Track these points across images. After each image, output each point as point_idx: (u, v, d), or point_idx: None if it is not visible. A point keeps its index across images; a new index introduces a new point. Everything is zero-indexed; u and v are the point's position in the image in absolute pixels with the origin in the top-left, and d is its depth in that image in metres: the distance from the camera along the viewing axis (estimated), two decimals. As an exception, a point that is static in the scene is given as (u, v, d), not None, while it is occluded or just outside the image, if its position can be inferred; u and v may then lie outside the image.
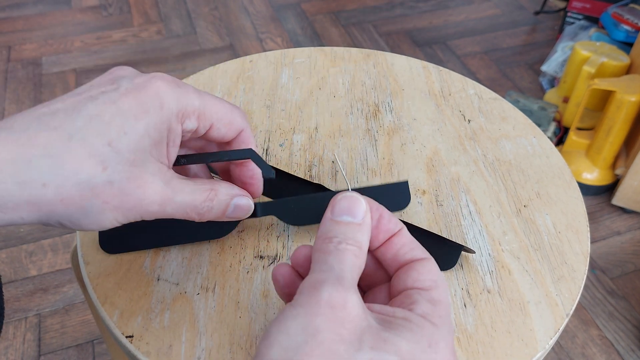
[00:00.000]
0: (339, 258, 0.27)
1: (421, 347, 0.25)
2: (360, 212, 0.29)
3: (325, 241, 0.29)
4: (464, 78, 0.61)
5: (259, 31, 1.87)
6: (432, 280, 0.29)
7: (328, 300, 0.24)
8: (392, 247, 0.30)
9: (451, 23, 1.95)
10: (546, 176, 0.50)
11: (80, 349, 1.03)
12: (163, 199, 0.31)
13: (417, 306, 0.27)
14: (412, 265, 0.29)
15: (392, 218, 0.31)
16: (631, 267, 1.21)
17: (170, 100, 0.31)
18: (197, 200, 0.33)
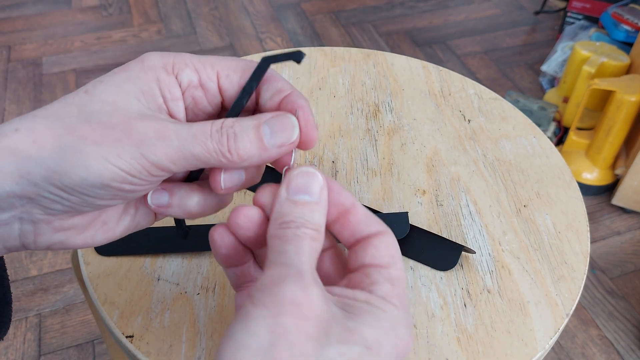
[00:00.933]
0: (297, 247, 0.26)
1: (384, 331, 0.25)
2: (317, 189, 0.28)
3: (283, 226, 0.27)
4: (464, 78, 0.61)
5: (258, 31, 1.87)
6: (389, 256, 0.28)
7: (292, 299, 0.23)
8: (348, 224, 0.29)
9: (451, 23, 1.95)
10: (546, 176, 0.50)
11: (80, 349, 1.03)
12: (157, 129, 0.26)
13: (377, 287, 0.27)
14: (370, 240, 0.28)
15: (342, 191, 0.29)
16: (631, 267, 1.21)
17: (153, 57, 0.29)
18: (205, 126, 0.27)
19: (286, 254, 0.26)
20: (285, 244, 0.26)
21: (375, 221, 0.29)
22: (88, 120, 0.26)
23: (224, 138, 0.27)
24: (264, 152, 0.28)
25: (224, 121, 0.27)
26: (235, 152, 0.27)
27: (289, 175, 0.28)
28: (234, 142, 0.27)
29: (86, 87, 0.27)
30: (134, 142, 0.26)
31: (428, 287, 0.41)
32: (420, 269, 0.42)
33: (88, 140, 0.25)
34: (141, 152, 0.26)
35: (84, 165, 0.25)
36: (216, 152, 0.27)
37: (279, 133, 0.28)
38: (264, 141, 0.28)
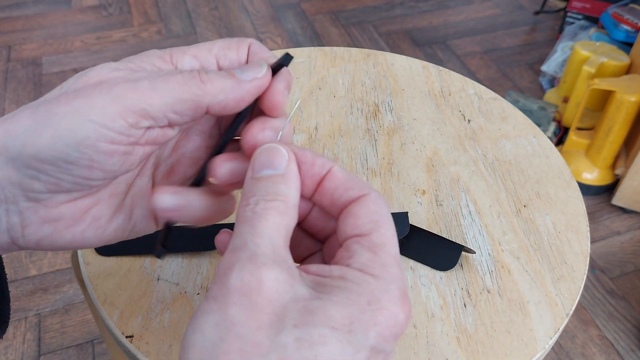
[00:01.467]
0: (255, 226, 0.24)
1: (359, 308, 0.22)
2: (282, 162, 0.26)
3: (243, 205, 0.25)
4: (463, 78, 0.61)
5: (258, 31, 1.87)
6: (372, 221, 0.25)
7: (239, 287, 0.22)
8: (325, 192, 0.27)
9: (451, 23, 1.95)
10: (546, 176, 0.50)
11: (80, 349, 1.03)
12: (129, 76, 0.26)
13: (354, 259, 0.24)
14: (349, 209, 0.26)
15: (317, 158, 0.27)
16: (631, 267, 1.21)
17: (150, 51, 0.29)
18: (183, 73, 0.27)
19: (241, 236, 0.24)
20: (241, 225, 0.24)
21: (355, 184, 0.26)
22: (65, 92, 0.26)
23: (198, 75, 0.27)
24: (237, 85, 0.27)
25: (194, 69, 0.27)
26: (209, 82, 0.27)
27: (253, 155, 0.27)
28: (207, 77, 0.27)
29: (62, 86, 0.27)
30: (103, 90, 0.25)
31: (428, 287, 0.41)
32: (420, 269, 0.42)
33: (61, 102, 0.25)
34: (112, 97, 0.25)
35: (55, 124, 0.24)
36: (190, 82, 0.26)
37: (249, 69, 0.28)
38: (236, 75, 0.28)
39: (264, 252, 0.23)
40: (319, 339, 0.21)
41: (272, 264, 0.22)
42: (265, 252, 0.23)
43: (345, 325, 0.22)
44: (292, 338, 0.21)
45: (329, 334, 0.21)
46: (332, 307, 0.22)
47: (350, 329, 0.22)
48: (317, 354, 0.21)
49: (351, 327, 0.22)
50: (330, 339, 0.21)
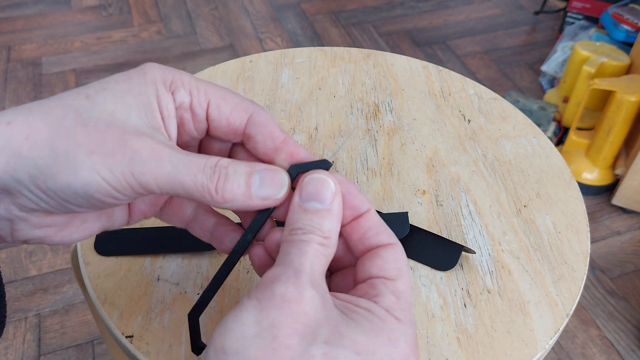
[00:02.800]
0: (300, 250, 0.26)
1: (381, 341, 0.24)
2: (329, 196, 0.28)
3: (292, 232, 0.27)
4: (464, 78, 0.61)
5: (258, 31, 1.87)
6: (397, 269, 0.28)
7: (282, 294, 0.24)
8: (358, 228, 0.29)
9: (451, 23, 1.95)
10: (546, 176, 0.50)
11: (80, 349, 1.03)
12: (154, 150, 0.26)
13: (381, 298, 0.26)
14: (378, 251, 0.28)
15: (359, 195, 0.29)
16: (631, 267, 1.21)
17: (155, 70, 0.29)
18: (202, 161, 0.27)
19: (288, 256, 0.26)
20: (290, 247, 0.27)
21: (385, 231, 0.29)
22: (85, 126, 0.25)
23: (215, 176, 0.27)
24: (247, 200, 0.28)
25: (220, 160, 0.27)
26: (221, 193, 0.27)
27: (301, 182, 0.28)
28: (224, 182, 0.27)
29: (87, 91, 0.27)
30: (127, 158, 0.26)
31: (428, 287, 0.41)
32: (420, 269, 0.42)
33: (82, 147, 0.25)
34: (131, 170, 0.26)
35: (73, 172, 0.25)
36: (203, 188, 0.27)
37: (267, 186, 0.28)
38: (251, 190, 0.28)
39: (306, 272, 0.25)
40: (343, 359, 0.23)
41: (312, 283, 0.25)
42: (307, 272, 0.25)
43: (368, 353, 0.24)
44: (320, 352, 0.23)
45: (353, 357, 0.23)
46: (358, 334, 0.24)
47: (371, 358, 0.24)
48: None
49: (372, 356, 0.24)
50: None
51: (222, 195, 0.27)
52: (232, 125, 0.30)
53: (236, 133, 0.30)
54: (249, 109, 0.30)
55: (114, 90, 0.27)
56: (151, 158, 0.26)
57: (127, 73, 0.29)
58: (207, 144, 0.32)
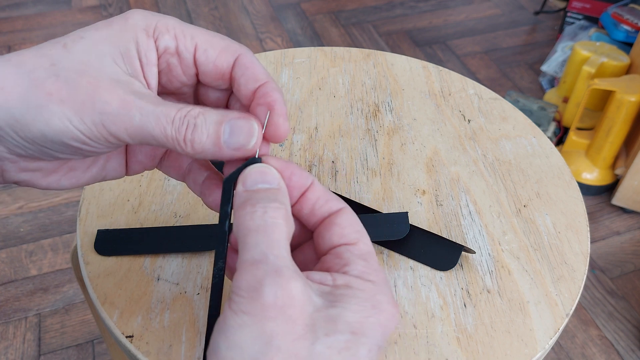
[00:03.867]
0: (269, 237, 0.25)
1: (367, 312, 0.25)
2: (275, 179, 0.27)
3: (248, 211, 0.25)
4: (464, 78, 0.61)
5: (258, 31, 1.87)
6: (356, 231, 0.28)
7: (273, 302, 0.23)
8: (306, 202, 0.28)
9: (451, 23, 1.95)
10: (546, 176, 0.50)
11: (80, 349, 1.03)
12: (123, 100, 0.26)
13: (351, 267, 0.26)
14: (332, 219, 0.28)
15: (302, 172, 0.29)
16: (631, 267, 1.21)
17: (137, 16, 0.28)
18: (171, 110, 0.27)
19: (258, 247, 0.24)
20: (255, 235, 0.25)
21: (333, 197, 0.29)
22: (57, 76, 0.26)
23: (183, 127, 0.27)
24: (217, 150, 0.27)
25: (191, 109, 0.27)
26: (190, 144, 0.27)
27: (243, 174, 0.28)
28: (192, 133, 0.27)
29: (65, 40, 0.27)
30: (96, 108, 0.26)
31: (428, 287, 0.41)
32: (420, 269, 0.42)
33: (54, 97, 0.26)
34: (102, 120, 0.26)
35: (45, 121, 0.26)
36: (172, 139, 0.27)
37: (237, 136, 0.27)
38: (221, 139, 0.27)
39: (285, 265, 0.24)
40: (344, 344, 0.24)
41: (296, 276, 0.24)
42: (287, 264, 0.24)
43: (360, 329, 0.24)
44: (325, 347, 0.23)
45: (351, 339, 0.24)
46: (347, 314, 0.24)
47: (363, 332, 0.24)
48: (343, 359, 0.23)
49: (363, 330, 0.24)
50: (351, 344, 0.24)
51: (192, 146, 0.27)
52: (219, 68, 0.29)
53: (223, 77, 0.30)
54: (236, 52, 0.29)
55: (91, 39, 0.27)
56: (120, 109, 0.26)
57: (109, 20, 0.28)
58: (204, 93, 0.32)
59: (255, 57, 0.30)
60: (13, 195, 1.28)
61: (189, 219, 0.45)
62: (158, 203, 0.46)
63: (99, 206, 0.46)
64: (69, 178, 0.30)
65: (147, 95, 0.27)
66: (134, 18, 0.28)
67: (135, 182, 0.48)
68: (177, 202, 0.46)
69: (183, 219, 0.45)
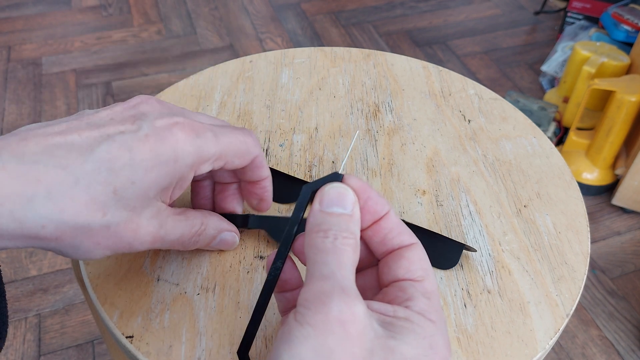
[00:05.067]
0: (338, 259, 0.26)
1: (424, 351, 0.25)
2: (350, 203, 0.28)
3: (320, 235, 0.27)
4: (464, 78, 0.61)
5: (258, 31, 1.87)
6: (423, 269, 0.28)
7: (338, 317, 0.23)
8: (379, 230, 0.29)
9: (451, 23, 1.95)
10: (546, 176, 0.50)
11: (80, 349, 1.03)
12: (154, 239, 0.33)
13: (414, 302, 0.27)
14: (401, 252, 0.28)
15: (379, 199, 0.29)
16: (631, 267, 1.21)
17: (187, 154, 0.31)
18: (185, 236, 0.35)
19: (327, 266, 0.26)
20: (325, 255, 0.26)
21: (406, 231, 0.29)
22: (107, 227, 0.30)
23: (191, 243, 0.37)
24: (204, 246, 0.39)
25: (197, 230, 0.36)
26: (190, 248, 0.38)
27: (321, 191, 0.29)
28: (195, 245, 0.38)
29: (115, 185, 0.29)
30: (132, 249, 0.32)
31: (428, 287, 0.41)
32: (420, 269, 0.42)
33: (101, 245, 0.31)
34: (130, 250, 0.33)
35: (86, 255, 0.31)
36: (179, 247, 0.36)
37: (222, 245, 0.40)
38: (211, 243, 0.39)
39: (351, 286, 0.25)
40: None
41: (358, 298, 0.25)
42: (352, 286, 0.25)
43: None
44: None
45: None
46: (405, 347, 0.25)
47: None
48: None
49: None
50: None
51: (189, 248, 0.38)
52: (237, 168, 0.36)
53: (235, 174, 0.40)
54: (253, 155, 0.36)
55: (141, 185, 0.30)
56: (152, 243, 0.33)
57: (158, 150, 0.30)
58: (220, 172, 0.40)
59: (263, 156, 0.37)
60: (13, 195, 1.28)
61: (189, 219, 0.45)
62: (158, 203, 0.46)
63: (99, 206, 0.46)
64: None
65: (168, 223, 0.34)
66: (184, 157, 0.31)
67: (135, 182, 0.48)
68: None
69: (183, 219, 0.45)
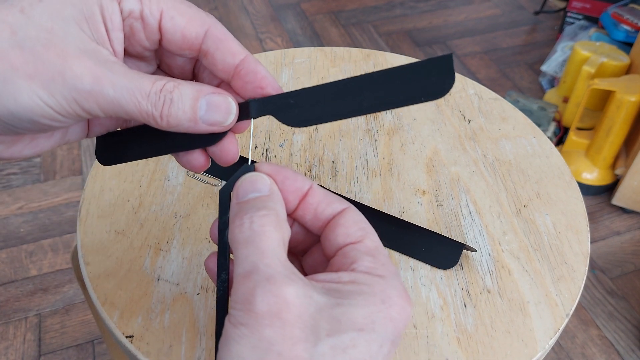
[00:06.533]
0: (259, 247, 0.25)
1: (376, 308, 0.24)
2: (265, 185, 0.27)
3: (237, 225, 0.26)
4: (464, 78, 0.61)
5: (258, 31, 1.87)
6: (361, 229, 0.27)
7: (267, 310, 0.22)
8: (308, 207, 0.28)
9: (451, 23, 1.95)
10: (546, 176, 0.50)
11: (80, 349, 1.03)
12: (95, 75, 0.25)
13: (358, 264, 0.26)
14: (335, 221, 0.28)
15: (297, 176, 0.28)
16: (631, 267, 1.21)
17: None
18: (146, 85, 0.26)
19: (248, 259, 0.24)
20: (245, 248, 0.25)
21: (335, 199, 0.28)
22: (21, 47, 0.24)
23: (159, 102, 0.26)
24: (193, 125, 0.27)
25: (166, 83, 0.26)
26: (166, 119, 0.26)
27: (236, 185, 0.28)
28: (168, 108, 0.26)
29: (21, 4, 0.25)
30: (68, 84, 0.25)
31: (428, 287, 0.41)
32: (420, 269, 0.42)
33: (20, 71, 0.24)
34: (74, 96, 0.25)
35: (14, 98, 0.24)
36: (148, 115, 0.26)
37: (214, 112, 0.27)
38: (197, 115, 0.27)
39: (277, 271, 0.24)
40: (350, 342, 0.23)
41: (289, 280, 0.24)
42: (279, 270, 0.24)
43: (368, 325, 0.24)
44: (327, 347, 0.23)
45: (357, 337, 0.23)
46: (353, 311, 0.24)
47: (373, 328, 0.24)
48: (350, 357, 0.23)
49: (373, 326, 0.24)
50: (359, 341, 0.23)
51: (167, 121, 0.27)
52: (187, 38, 0.28)
53: (191, 48, 0.29)
54: (205, 22, 0.28)
55: (51, 2, 0.25)
56: (93, 84, 0.25)
57: None
58: (168, 58, 0.31)
59: (225, 29, 0.29)
60: (13, 195, 1.28)
61: (189, 219, 0.45)
62: (158, 203, 0.46)
63: (99, 206, 0.46)
64: (31, 147, 0.29)
65: (118, 67, 0.26)
66: None
67: (135, 182, 0.48)
68: (177, 202, 0.46)
69: (183, 219, 0.45)
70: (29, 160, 1.35)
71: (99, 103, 0.25)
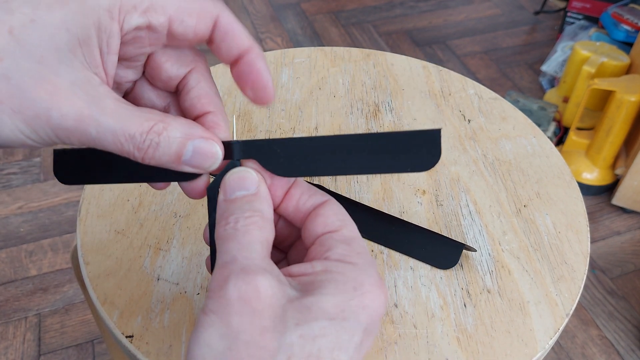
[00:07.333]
0: (239, 242, 0.25)
1: (348, 295, 0.24)
2: (253, 183, 0.27)
3: (222, 224, 0.26)
4: (463, 78, 0.61)
5: (258, 31, 1.87)
6: (339, 220, 0.27)
7: (237, 297, 0.22)
8: (291, 198, 0.28)
9: (451, 23, 1.95)
10: (546, 176, 0.50)
11: (80, 349, 1.03)
12: (81, 115, 0.24)
13: (332, 251, 0.26)
14: (316, 211, 0.28)
15: None
16: (631, 267, 1.21)
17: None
18: (133, 127, 0.25)
19: (228, 253, 0.25)
20: (227, 242, 0.25)
21: (318, 192, 0.29)
22: (8, 78, 0.23)
23: (144, 145, 0.25)
24: (175, 165, 0.26)
25: (154, 125, 0.25)
26: (148, 160, 0.26)
27: (223, 181, 0.28)
28: (153, 151, 0.25)
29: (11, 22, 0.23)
30: (52, 123, 0.24)
31: (428, 287, 0.41)
32: (420, 269, 0.42)
33: (5, 105, 0.23)
34: (56, 132, 0.24)
35: None
36: (128, 154, 0.25)
37: (199, 158, 0.26)
38: (181, 158, 0.26)
39: (254, 263, 0.24)
40: (319, 331, 0.23)
41: (264, 272, 0.24)
42: (256, 262, 0.24)
43: (339, 314, 0.23)
44: (296, 336, 0.22)
45: (327, 326, 0.23)
46: (324, 299, 0.23)
47: (344, 316, 0.23)
48: (319, 346, 0.23)
49: (344, 314, 0.23)
50: (329, 330, 0.23)
51: (148, 162, 0.26)
52: (198, 35, 0.27)
53: (201, 40, 0.28)
54: (213, 14, 0.27)
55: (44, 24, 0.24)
56: (77, 124, 0.24)
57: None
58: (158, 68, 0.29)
59: (232, 17, 0.28)
60: (13, 195, 1.28)
61: (189, 218, 0.45)
62: (158, 203, 0.46)
63: (99, 206, 0.46)
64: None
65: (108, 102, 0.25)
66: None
67: (135, 182, 0.48)
68: (177, 202, 0.46)
69: (183, 218, 0.45)
70: (29, 160, 1.35)
71: (80, 140, 0.25)
